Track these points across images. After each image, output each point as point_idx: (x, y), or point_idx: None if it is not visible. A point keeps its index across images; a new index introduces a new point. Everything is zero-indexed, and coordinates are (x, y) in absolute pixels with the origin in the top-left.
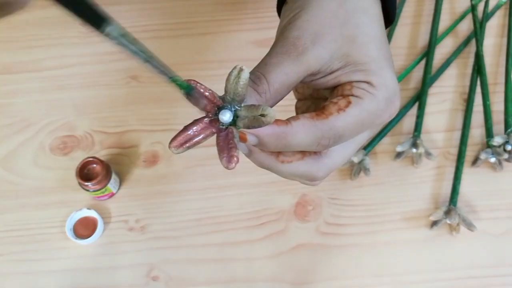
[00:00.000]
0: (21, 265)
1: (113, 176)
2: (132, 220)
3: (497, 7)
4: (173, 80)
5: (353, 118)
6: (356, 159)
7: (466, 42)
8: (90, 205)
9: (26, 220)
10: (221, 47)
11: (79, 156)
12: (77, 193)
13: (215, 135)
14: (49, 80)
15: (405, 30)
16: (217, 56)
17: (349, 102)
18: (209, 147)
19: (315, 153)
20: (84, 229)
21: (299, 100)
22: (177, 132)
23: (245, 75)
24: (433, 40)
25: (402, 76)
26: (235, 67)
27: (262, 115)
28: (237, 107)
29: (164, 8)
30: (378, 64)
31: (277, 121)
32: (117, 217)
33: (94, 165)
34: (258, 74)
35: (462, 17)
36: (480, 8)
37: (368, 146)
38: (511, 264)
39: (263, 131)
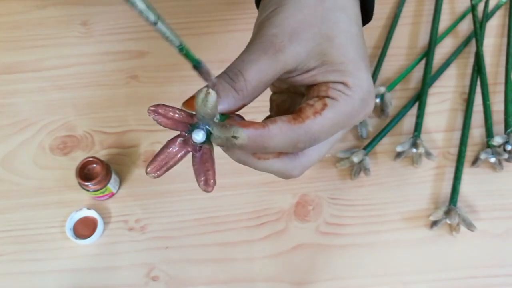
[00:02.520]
0: (21, 265)
1: (113, 176)
2: (132, 220)
3: (497, 7)
4: (181, 49)
5: (329, 121)
6: (356, 159)
7: (466, 42)
8: (90, 205)
9: (26, 220)
10: (221, 47)
11: (79, 156)
12: (77, 193)
13: (191, 154)
14: (49, 80)
15: (405, 30)
16: (217, 56)
17: (325, 105)
18: None
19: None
20: (84, 229)
21: (274, 93)
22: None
23: (212, 98)
24: (433, 40)
25: (402, 76)
26: (201, 90)
27: (234, 137)
28: (209, 125)
29: (164, 8)
30: (354, 65)
31: (254, 124)
32: (117, 217)
33: (94, 165)
34: (235, 71)
35: (462, 17)
36: (480, 8)
37: (368, 146)
38: (511, 264)
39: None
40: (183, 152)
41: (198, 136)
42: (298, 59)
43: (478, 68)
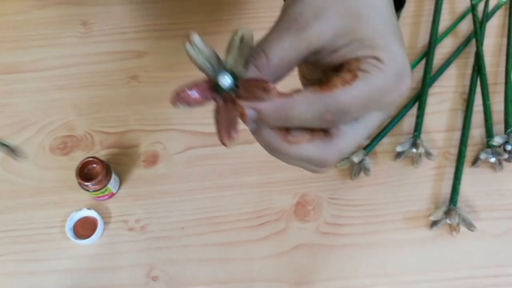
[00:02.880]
0: (21, 265)
1: (113, 176)
2: (132, 220)
3: (497, 7)
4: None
5: (359, 92)
6: (356, 159)
7: (466, 42)
8: (90, 205)
9: (26, 220)
10: (221, 47)
11: (79, 156)
12: (77, 193)
13: (215, 103)
14: (49, 80)
15: (405, 30)
16: None
17: (355, 76)
18: (208, 147)
19: (325, 135)
20: (84, 229)
21: (305, 86)
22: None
23: (248, 35)
24: (433, 40)
25: None
26: (238, 28)
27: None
28: (237, 72)
29: (164, 8)
30: (385, 38)
31: (278, 93)
32: (117, 217)
33: (94, 165)
34: (257, 49)
35: (462, 17)
36: (480, 8)
37: (368, 146)
38: (511, 264)
39: (262, 104)
40: (206, 96)
41: (226, 80)
42: (324, 37)
43: (478, 68)
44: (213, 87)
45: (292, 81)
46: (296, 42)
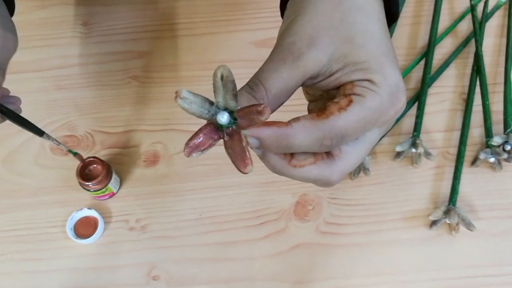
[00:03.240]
0: (22, 264)
1: (114, 176)
2: (132, 220)
3: (497, 8)
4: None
5: (355, 117)
6: None
7: (465, 43)
8: (91, 204)
9: (27, 220)
10: (221, 47)
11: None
12: (78, 193)
13: (222, 140)
14: (50, 80)
15: (405, 31)
16: (217, 56)
17: (351, 101)
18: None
19: (327, 156)
20: (85, 228)
21: (310, 102)
22: (186, 135)
23: (227, 71)
24: (433, 41)
25: (402, 76)
26: (218, 68)
27: (258, 112)
28: (232, 108)
29: (164, 8)
30: (377, 61)
31: (277, 123)
32: (118, 217)
33: (95, 165)
34: (255, 81)
35: (461, 17)
36: (480, 8)
37: None
38: (510, 263)
39: (263, 133)
40: (213, 138)
41: (223, 117)
42: (319, 64)
43: (478, 68)
44: (216, 127)
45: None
46: (293, 72)
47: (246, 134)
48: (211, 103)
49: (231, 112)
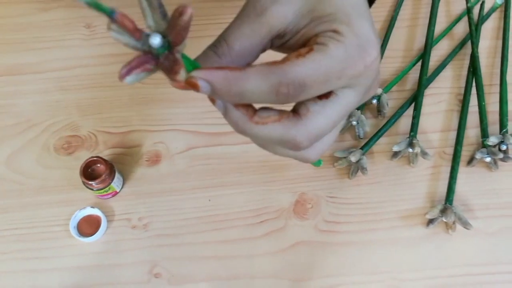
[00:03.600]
0: (26, 263)
1: (117, 175)
2: (135, 218)
3: (493, 10)
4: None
5: (315, 64)
6: (353, 159)
7: (461, 44)
8: (94, 203)
9: (31, 219)
10: None
11: (83, 156)
12: (81, 192)
13: (157, 64)
14: (53, 81)
15: (402, 33)
16: None
17: (311, 49)
18: (209, 147)
19: (294, 115)
20: (88, 227)
21: None
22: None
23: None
24: (429, 43)
25: (399, 78)
26: None
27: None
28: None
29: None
30: (344, 13)
31: (230, 67)
32: (120, 215)
33: (98, 165)
34: (219, 38)
35: (457, 19)
36: (476, 11)
37: (365, 146)
38: (506, 261)
39: (213, 75)
40: (148, 62)
41: (155, 40)
42: (284, 20)
43: (474, 70)
44: (152, 55)
45: None
46: (256, 28)
47: (196, 76)
48: (143, 31)
49: (164, 37)
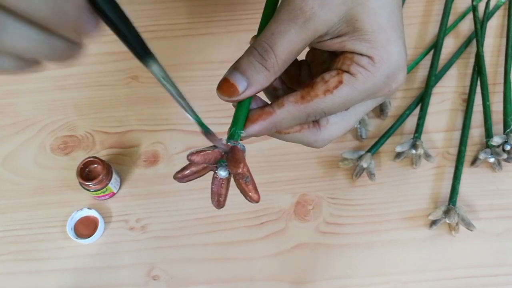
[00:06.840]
0: (22, 264)
1: (114, 176)
2: (132, 220)
3: (497, 8)
4: (197, 120)
5: (340, 99)
6: (365, 164)
7: (467, 43)
8: (91, 204)
9: (27, 220)
10: (221, 47)
11: (80, 156)
12: (78, 193)
13: (212, 177)
14: (50, 80)
15: (412, 30)
16: (217, 57)
17: (340, 82)
18: None
19: (314, 126)
20: (85, 228)
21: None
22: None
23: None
24: (440, 43)
25: None
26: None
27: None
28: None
29: (164, 8)
30: (385, 35)
31: (262, 115)
32: (118, 217)
33: (95, 165)
34: (265, 46)
35: (462, 16)
36: (481, 8)
37: (373, 148)
38: (510, 263)
39: (253, 131)
40: (207, 169)
41: (224, 172)
42: (330, 23)
43: (479, 69)
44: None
45: None
46: (303, 33)
47: (242, 136)
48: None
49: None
